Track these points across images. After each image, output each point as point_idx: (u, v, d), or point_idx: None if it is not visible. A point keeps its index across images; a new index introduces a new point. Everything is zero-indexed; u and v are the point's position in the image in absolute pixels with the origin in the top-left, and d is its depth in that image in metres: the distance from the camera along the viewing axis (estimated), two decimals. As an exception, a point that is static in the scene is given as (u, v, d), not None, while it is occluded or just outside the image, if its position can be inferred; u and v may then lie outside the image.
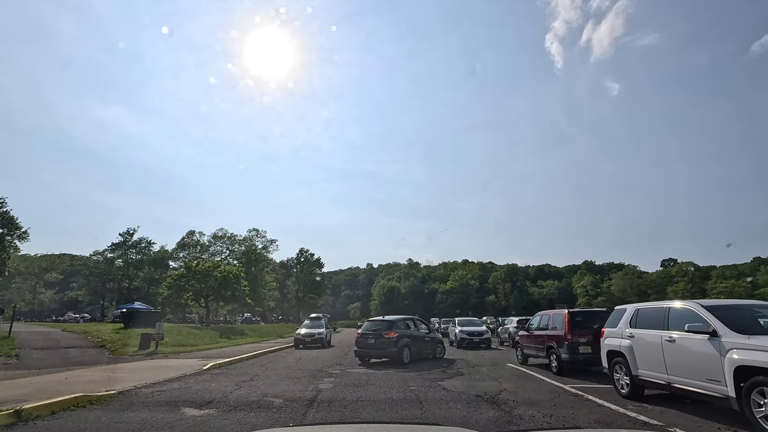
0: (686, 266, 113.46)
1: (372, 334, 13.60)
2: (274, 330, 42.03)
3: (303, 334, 22.41)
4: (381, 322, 14.35)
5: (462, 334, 20.46)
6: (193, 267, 37.23)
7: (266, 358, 15.80)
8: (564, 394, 7.66)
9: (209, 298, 38.77)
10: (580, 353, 9.77)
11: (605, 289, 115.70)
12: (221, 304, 49.96)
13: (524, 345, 12.40)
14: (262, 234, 78.73)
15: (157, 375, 10.06)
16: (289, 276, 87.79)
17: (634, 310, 7.25)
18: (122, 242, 65.27)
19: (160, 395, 7.61)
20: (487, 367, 12.03)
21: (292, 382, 9.36)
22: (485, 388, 8.31)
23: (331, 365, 12.96)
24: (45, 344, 17.41)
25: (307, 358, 15.51)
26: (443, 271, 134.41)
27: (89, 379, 9.28)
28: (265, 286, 72.93)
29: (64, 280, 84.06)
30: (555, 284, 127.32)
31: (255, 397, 7.46)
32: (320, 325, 23.89)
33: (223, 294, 38.67)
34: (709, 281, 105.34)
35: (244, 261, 71.47)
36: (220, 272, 38.63)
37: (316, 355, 17.27)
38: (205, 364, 12.37)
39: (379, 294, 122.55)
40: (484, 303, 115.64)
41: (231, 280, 38.06)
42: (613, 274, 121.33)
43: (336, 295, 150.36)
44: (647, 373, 6.48)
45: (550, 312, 11.65)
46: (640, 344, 6.73)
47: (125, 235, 66.04)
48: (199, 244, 74.60)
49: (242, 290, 39.29)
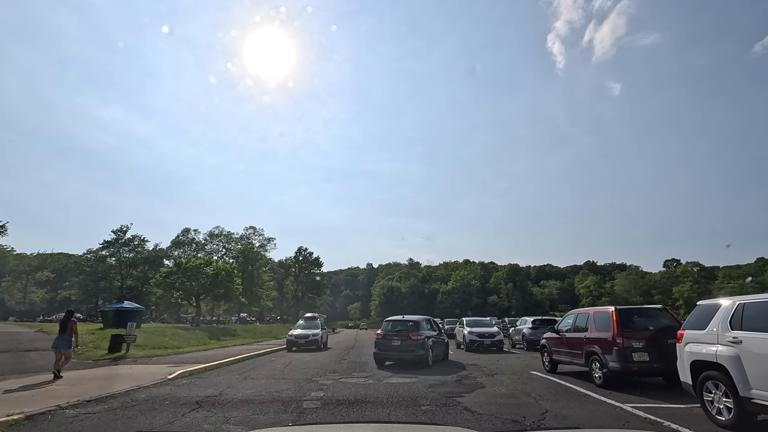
0: (691, 266, 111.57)
1: (397, 335, 12.62)
2: (270, 331, 39.98)
3: (296, 336, 20.39)
4: (405, 323, 13.32)
5: (472, 336, 18.44)
6: (184, 264, 35.23)
7: (250, 364, 13.78)
8: (633, 419, 5.65)
9: (201, 296, 36.77)
10: (634, 361, 7.74)
11: (609, 290, 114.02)
12: (216, 304, 48.04)
13: (553, 350, 10.37)
14: (259, 232, 76.77)
15: (104, 388, 8.04)
16: (288, 276, 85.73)
17: (736, 305, 5.22)
18: (115, 240, 63.16)
19: (81, 422, 5.60)
20: (509, 376, 10.02)
21: (269, 398, 7.34)
22: (520, 408, 6.31)
23: (324, 373, 10.96)
24: (2, 346, 15.40)
25: (298, 364, 13.50)
26: (444, 271, 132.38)
27: (9, 397, 7.28)
28: (263, 286, 70.93)
29: (58, 280, 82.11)
30: (557, 284, 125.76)
31: (210, 425, 5.45)
32: (315, 326, 21.86)
33: (216, 292, 36.67)
34: (715, 281, 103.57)
35: (240, 260, 69.62)
36: (212, 269, 36.66)
37: (308, 359, 15.26)
38: (172, 371, 10.36)
39: (379, 294, 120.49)
40: (486, 303, 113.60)
41: (223, 278, 36.06)
42: (615, 274, 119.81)
43: (335, 295, 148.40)
44: (766, 395, 4.48)
45: (588, 310, 9.59)
46: (753, 354, 4.72)
47: (118, 233, 63.93)
48: (194, 242, 72.61)
49: (235, 288, 37.27)
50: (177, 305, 45.55)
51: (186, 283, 35.02)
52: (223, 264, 40.24)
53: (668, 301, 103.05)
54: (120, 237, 64.04)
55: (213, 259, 37.57)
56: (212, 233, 74.84)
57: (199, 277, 35.42)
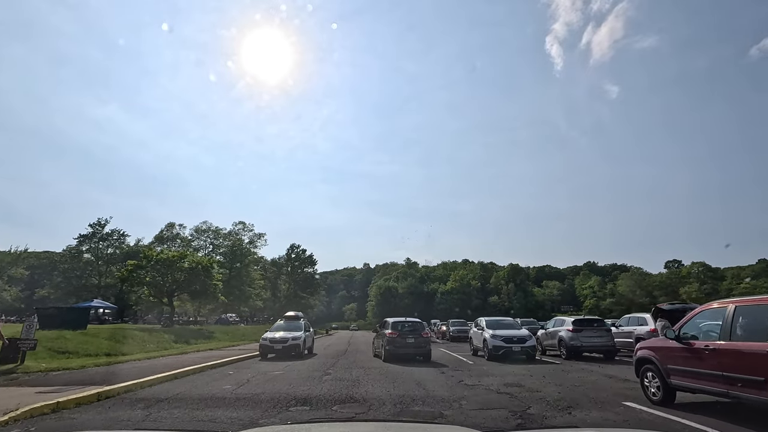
0: (697, 267, 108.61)
1: (411, 334, 14.24)
2: (254, 332, 35.57)
3: (271, 340, 16.14)
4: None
5: (496, 341, 14.26)
6: (154, 256, 30.84)
7: (190, 381, 9.55)
8: None
9: (174, 294, 32.37)
10: None
11: (612, 290, 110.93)
12: (193, 302, 43.60)
13: (672, 368, 6.15)
14: (249, 227, 72.22)
15: None
16: (281, 275, 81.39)
17: None
18: (91, 234, 58.51)
19: None
20: (598, 413, 5.88)
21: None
22: None
23: (288, 401, 6.78)
24: None
25: (257, 383, 9.29)
26: (443, 271, 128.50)
27: None
28: (252, 284, 66.53)
29: (38, 278, 77.40)
30: (558, 285, 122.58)
31: None
32: (297, 327, 17.64)
33: (193, 289, 32.30)
34: (723, 282, 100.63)
35: (228, 256, 65.23)
36: (187, 263, 32.28)
37: (278, 374, 11.04)
38: (30, 403, 6.12)
39: (376, 294, 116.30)
40: (486, 304, 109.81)
41: (200, 273, 31.69)
42: (616, 275, 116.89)
43: (331, 295, 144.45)
44: None
45: (744, 304, 5.30)
46: None
47: (95, 227, 59.32)
48: (179, 238, 68.04)
49: (213, 285, 32.86)
50: (157, 304, 41.22)
51: (157, 279, 30.63)
52: (200, 257, 35.79)
53: (675, 301, 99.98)
54: (98, 231, 59.45)
55: (188, 251, 33.26)
56: (199, 228, 70.30)
57: (172, 271, 31.06)
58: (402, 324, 14.74)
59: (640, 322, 14.43)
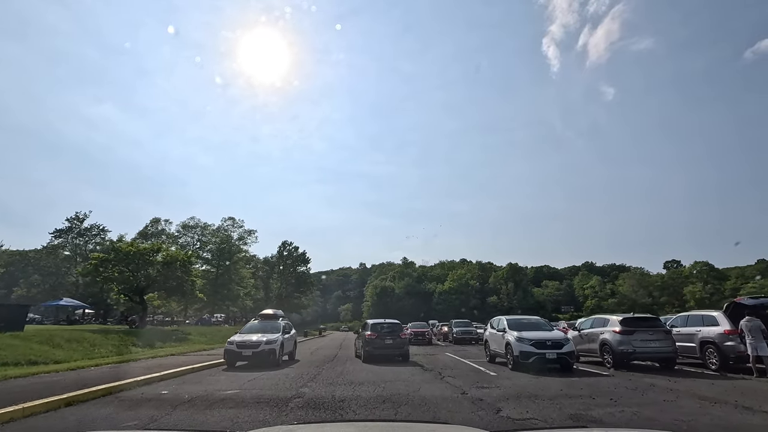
0: (699, 266, 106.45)
1: (390, 335, 14.50)
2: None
3: (239, 344, 12.82)
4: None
5: (524, 345, 11.05)
6: (123, 249, 27.46)
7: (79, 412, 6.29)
8: None
9: (146, 291, 29.00)
10: None
11: (609, 291, 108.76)
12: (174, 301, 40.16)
13: None
14: (238, 223, 68.62)
15: None
16: (273, 274, 77.95)
17: None
18: (68, 228, 54.76)
19: None
20: None
21: None
22: None
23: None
24: None
25: (189, 411, 6.04)
26: (440, 270, 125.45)
27: None
28: (241, 282, 63.04)
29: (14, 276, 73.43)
30: (557, 285, 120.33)
31: None
32: (274, 328, 14.35)
33: (168, 285, 28.98)
34: (727, 281, 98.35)
35: (216, 253, 61.78)
36: (162, 257, 28.97)
37: (230, 394, 7.76)
38: None
39: (372, 294, 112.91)
40: (485, 304, 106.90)
41: (175, 268, 28.35)
42: (617, 275, 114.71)
43: (326, 296, 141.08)
44: None
45: None
46: None
47: (73, 221, 55.57)
48: (164, 234, 64.37)
49: (191, 281, 29.49)
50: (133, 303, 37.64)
51: (126, 274, 27.27)
52: (176, 251, 32.36)
53: (676, 302, 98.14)
54: (76, 226, 55.69)
55: (162, 244, 29.72)
56: (186, 224, 66.61)
57: (144, 266, 27.73)
58: (381, 325, 15.06)
59: (706, 322, 11.28)
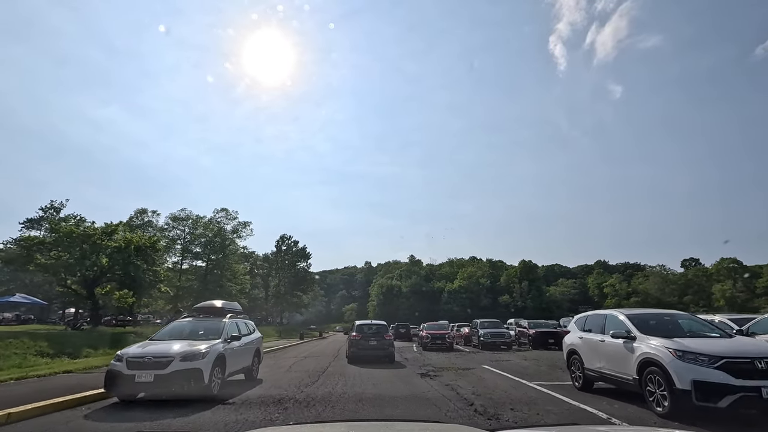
0: (726, 263, 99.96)
1: (374, 336, 14.41)
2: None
3: (131, 361, 7.04)
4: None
5: (703, 369, 5.17)
6: (63, 230, 21.99)
7: None
8: None
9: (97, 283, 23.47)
10: None
11: (626, 288, 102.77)
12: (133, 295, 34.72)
13: None
14: (232, 215, 63.12)
15: None
16: (271, 270, 72.69)
17: None
18: (40, 219, 49.50)
19: None
20: None
21: None
22: None
23: None
24: None
25: None
26: (449, 269, 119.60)
27: None
28: (234, 278, 57.62)
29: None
30: (571, 284, 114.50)
31: None
32: (210, 332, 8.49)
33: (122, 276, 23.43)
34: (759, 279, 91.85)
35: (207, 246, 56.49)
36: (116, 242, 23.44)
37: None
38: None
39: (377, 294, 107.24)
40: (497, 304, 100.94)
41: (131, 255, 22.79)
42: (632, 273, 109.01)
43: (331, 296, 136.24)
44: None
45: None
46: None
47: (47, 210, 50.27)
48: (151, 226, 59.05)
49: (153, 271, 23.93)
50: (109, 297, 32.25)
51: (68, 261, 21.76)
52: (138, 235, 26.73)
53: (701, 301, 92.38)
54: (51, 215, 50.43)
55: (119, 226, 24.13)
56: (176, 216, 61.20)
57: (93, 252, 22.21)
58: (367, 327, 15.11)
59: None
